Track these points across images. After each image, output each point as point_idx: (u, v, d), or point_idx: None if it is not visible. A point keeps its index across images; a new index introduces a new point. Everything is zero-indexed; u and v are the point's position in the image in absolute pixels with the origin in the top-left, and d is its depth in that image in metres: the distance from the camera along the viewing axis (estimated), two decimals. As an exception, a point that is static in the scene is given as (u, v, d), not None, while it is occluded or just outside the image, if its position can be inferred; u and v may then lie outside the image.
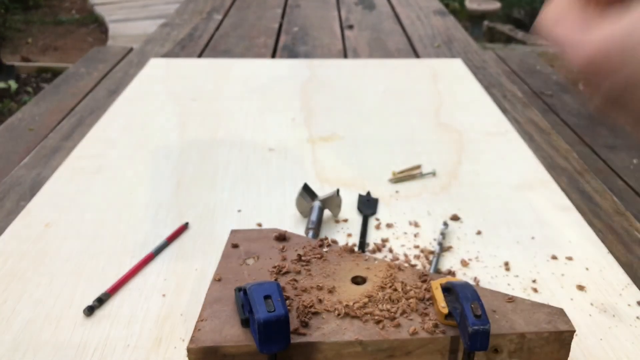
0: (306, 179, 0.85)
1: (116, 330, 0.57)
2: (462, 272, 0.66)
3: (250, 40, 1.66)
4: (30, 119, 1.15)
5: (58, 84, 1.35)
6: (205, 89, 1.23)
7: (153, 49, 1.55)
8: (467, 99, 1.18)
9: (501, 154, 0.95)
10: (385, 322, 0.50)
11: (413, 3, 2.14)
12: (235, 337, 0.48)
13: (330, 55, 1.53)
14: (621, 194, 0.96)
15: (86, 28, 4.89)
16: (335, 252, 0.60)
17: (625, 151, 1.13)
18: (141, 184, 0.85)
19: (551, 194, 0.84)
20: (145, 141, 0.98)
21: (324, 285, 0.55)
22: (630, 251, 0.73)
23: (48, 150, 0.97)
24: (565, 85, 1.47)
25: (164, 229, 0.74)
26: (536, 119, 1.12)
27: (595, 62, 0.25)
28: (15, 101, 3.25)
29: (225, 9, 2.04)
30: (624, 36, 0.24)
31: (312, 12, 2.01)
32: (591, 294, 0.63)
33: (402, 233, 0.74)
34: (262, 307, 0.46)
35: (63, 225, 0.75)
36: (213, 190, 0.83)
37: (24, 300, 0.61)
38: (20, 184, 0.86)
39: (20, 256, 0.68)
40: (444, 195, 0.83)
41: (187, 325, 0.58)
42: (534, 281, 0.65)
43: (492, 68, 1.43)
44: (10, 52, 4.25)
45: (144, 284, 0.64)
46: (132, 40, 3.68)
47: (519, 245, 0.72)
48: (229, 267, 0.58)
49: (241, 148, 0.97)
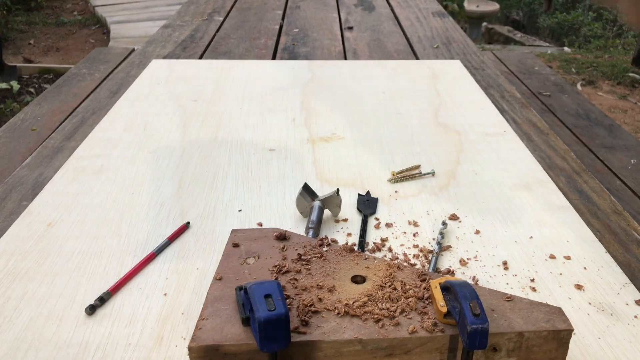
0: (306, 179, 0.86)
1: (118, 329, 0.58)
2: (460, 272, 0.67)
3: (250, 42, 1.66)
4: (33, 119, 1.15)
5: (60, 84, 1.36)
6: (206, 89, 1.23)
7: (154, 50, 1.56)
8: (465, 100, 1.19)
9: (500, 154, 0.96)
10: (384, 320, 0.50)
11: (412, 4, 2.14)
12: (236, 335, 0.49)
13: (330, 57, 1.53)
14: (619, 193, 0.97)
15: (88, 29, 4.90)
16: (335, 251, 0.60)
17: (623, 151, 1.14)
18: (142, 183, 0.85)
19: (549, 193, 0.84)
20: (147, 141, 0.99)
21: (324, 284, 0.55)
22: (628, 250, 0.73)
23: (50, 150, 0.98)
24: (564, 85, 1.48)
25: (165, 229, 0.74)
26: (534, 119, 1.13)
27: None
28: (18, 102, 3.25)
29: (226, 10, 2.04)
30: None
31: (312, 13, 2.02)
32: (589, 293, 0.64)
33: (402, 232, 0.74)
34: (262, 306, 0.46)
35: (65, 224, 0.75)
36: (214, 190, 0.84)
37: (26, 299, 0.62)
38: (23, 183, 0.87)
39: (23, 255, 0.69)
40: (443, 195, 0.83)
41: (188, 324, 0.58)
42: (533, 280, 0.66)
43: (491, 69, 1.43)
44: (13, 53, 4.26)
45: (146, 283, 0.64)
46: (133, 42, 3.70)
47: (517, 244, 0.72)
48: (229, 266, 0.58)
49: (242, 148, 0.97)
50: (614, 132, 1.22)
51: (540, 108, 1.31)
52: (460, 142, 1.00)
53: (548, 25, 5.91)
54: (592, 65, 4.13)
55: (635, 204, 0.94)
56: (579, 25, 5.65)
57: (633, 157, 1.10)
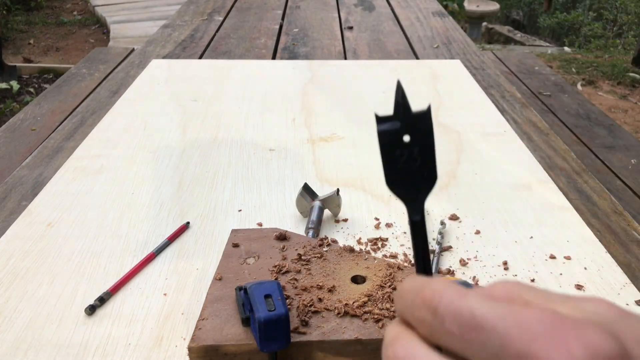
0: (306, 179, 0.86)
1: (117, 329, 0.58)
2: (461, 272, 0.67)
3: (250, 42, 1.66)
4: (32, 119, 1.15)
5: (60, 84, 1.36)
6: (206, 89, 1.23)
7: (154, 50, 1.56)
8: (466, 100, 1.19)
9: (500, 154, 0.96)
10: (384, 320, 0.50)
11: (412, 4, 2.14)
12: (236, 336, 0.49)
13: (330, 56, 1.53)
14: (619, 193, 0.97)
15: (88, 29, 4.90)
16: (335, 251, 0.60)
17: (624, 151, 1.14)
18: (142, 183, 0.85)
19: (549, 193, 0.84)
20: (147, 141, 0.99)
21: (324, 285, 0.55)
22: (628, 251, 0.73)
23: (50, 150, 0.98)
24: (564, 85, 1.48)
25: (165, 229, 0.74)
26: (535, 119, 1.13)
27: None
28: (17, 102, 3.25)
29: (226, 10, 2.04)
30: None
31: (312, 13, 2.02)
32: (589, 293, 0.64)
33: (402, 232, 0.74)
34: (262, 306, 0.46)
35: (65, 225, 0.75)
36: (214, 190, 0.84)
37: (25, 299, 0.62)
38: (22, 184, 0.87)
39: (22, 255, 0.69)
40: (443, 195, 0.83)
41: (188, 324, 0.58)
42: (533, 280, 0.66)
43: (491, 69, 1.43)
44: (12, 53, 4.26)
45: (145, 283, 0.64)
46: (133, 42, 3.69)
47: (517, 244, 0.72)
48: (229, 266, 0.58)
49: (242, 148, 0.97)
50: (614, 132, 1.22)
51: (540, 108, 1.31)
52: (460, 142, 1.00)
53: (548, 25, 5.91)
54: (592, 65, 4.13)
55: (636, 204, 0.94)
56: (579, 25, 5.65)
57: (633, 157, 1.10)
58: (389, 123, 0.29)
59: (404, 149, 0.29)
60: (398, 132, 0.29)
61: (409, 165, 0.29)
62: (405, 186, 0.30)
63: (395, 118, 0.29)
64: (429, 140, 0.29)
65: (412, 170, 0.29)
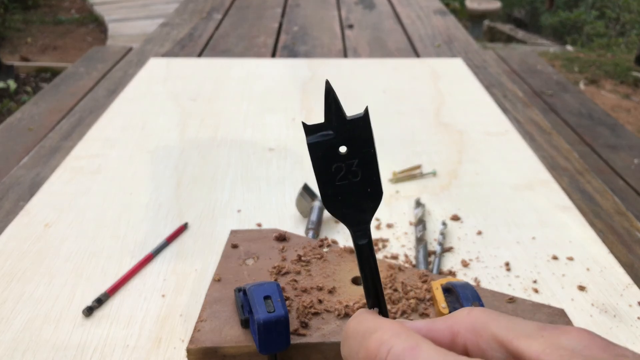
0: (306, 179, 0.85)
1: (116, 331, 0.57)
2: (462, 273, 0.66)
3: (250, 40, 1.65)
4: (30, 118, 1.15)
5: (57, 83, 1.35)
6: (205, 88, 1.22)
7: (152, 49, 1.55)
8: (467, 99, 1.18)
9: (502, 153, 0.95)
10: (385, 322, 0.50)
11: (413, 2, 2.13)
12: (235, 337, 0.48)
13: (331, 55, 1.52)
14: (622, 194, 0.96)
15: (85, 28, 4.89)
16: (335, 252, 0.60)
17: (627, 151, 1.13)
18: (141, 184, 0.85)
19: (552, 194, 0.83)
20: (145, 141, 0.98)
21: (324, 286, 0.54)
22: (631, 251, 0.72)
23: (47, 150, 0.97)
24: (566, 84, 1.47)
25: (164, 229, 0.73)
26: (537, 118, 1.12)
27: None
28: (15, 101, 3.25)
29: (225, 8, 2.03)
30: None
31: (312, 11, 2.01)
32: (592, 294, 0.63)
33: (403, 233, 0.73)
34: (262, 307, 0.46)
35: (62, 225, 0.74)
36: (213, 190, 0.83)
37: (23, 300, 0.61)
38: (20, 183, 0.86)
39: (20, 256, 0.68)
40: (444, 195, 0.83)
41: (186, 325, 0.58)
42: (535, 281, 0.65)
43: (493, 68, 1.43)
44: (10, 51, 4.26)
45: (144, 284, 0.64)
46: (131, 40, 3.69)
47: (519, 245, 0.71)
48: (228, 267, 0.58)
49: (241, 148, 0.96)
50: (617, 132, 1.21)
51: (542, 107, 1.31)
52: (461, 142, 0.99)
53: (550, 24, 5.90)
54: (594, 64, 4.12)
55: (639, 205, 0.93)
56: (582, 24, 5.64)
57: (636, 157, 1.09)
58: (321, 133, 0.25)
59: (340, 163, 0.25)
60: (332, 143, 0.25)
61: (348, 181, 0.25)
62: (346, 206, 0.25)
63: (328, 126, 0.26)
64: (370, 150, 0.25)
65: (353, 187, 0.25)
